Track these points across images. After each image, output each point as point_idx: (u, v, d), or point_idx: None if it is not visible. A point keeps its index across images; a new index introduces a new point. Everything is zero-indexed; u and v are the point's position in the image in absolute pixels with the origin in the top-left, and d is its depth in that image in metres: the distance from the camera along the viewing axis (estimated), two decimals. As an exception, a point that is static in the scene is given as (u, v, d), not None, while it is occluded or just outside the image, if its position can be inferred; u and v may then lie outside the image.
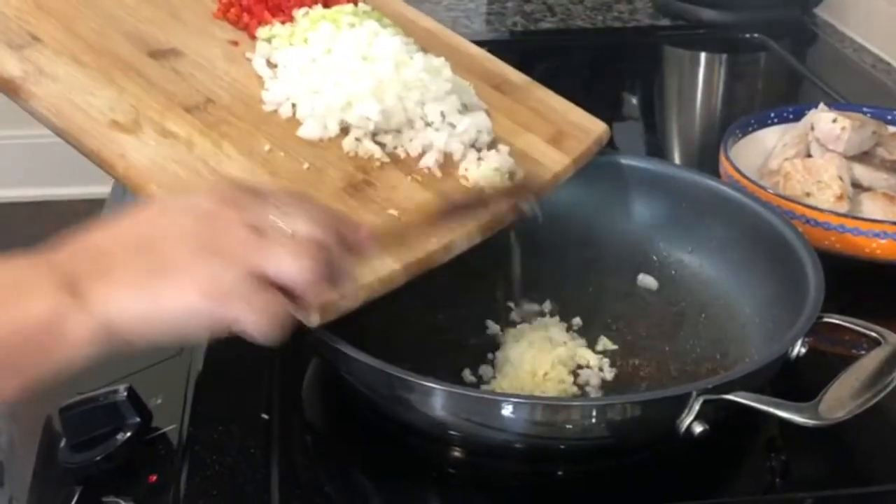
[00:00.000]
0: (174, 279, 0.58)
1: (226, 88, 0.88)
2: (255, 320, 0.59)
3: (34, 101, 0.80)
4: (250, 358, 0.84)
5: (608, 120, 0.99)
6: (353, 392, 0.78)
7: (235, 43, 0.93)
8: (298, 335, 0.70)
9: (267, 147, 0.83)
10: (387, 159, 0.85)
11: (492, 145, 0.89)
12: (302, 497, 0.73)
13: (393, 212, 0.81)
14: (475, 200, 0.82)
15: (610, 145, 0.99)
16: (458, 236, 0.80)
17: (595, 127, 0.98)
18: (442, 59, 0.92)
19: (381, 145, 0.85)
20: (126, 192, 0.84)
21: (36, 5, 0.88)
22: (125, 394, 0.76)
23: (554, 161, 0.92)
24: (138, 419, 0.76)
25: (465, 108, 0.90)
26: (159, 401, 0.80)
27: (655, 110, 1.52)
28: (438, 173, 0.86)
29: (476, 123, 0.89)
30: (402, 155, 0.86)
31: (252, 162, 0.81)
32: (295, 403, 0.82)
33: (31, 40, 0.85)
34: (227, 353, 0.86)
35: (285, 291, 0.61)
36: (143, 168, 0.78)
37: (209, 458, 0.75)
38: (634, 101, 1.52)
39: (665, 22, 1.68)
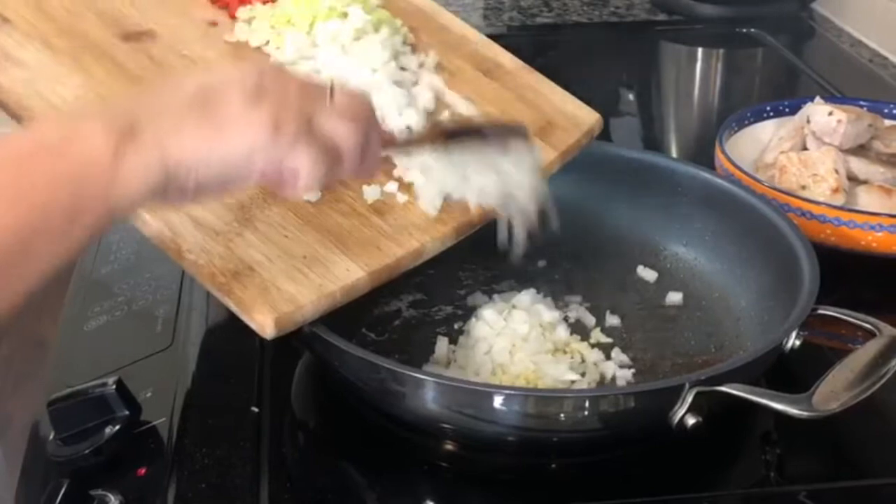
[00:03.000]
0: (234, 119, 0.60)
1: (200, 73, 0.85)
2: (311, 163, 0.62)
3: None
4: (241, 351, 0.83)
5: (605, 115, 0.98)
6: (343, 385, 0.78)
7: (214, 23, 0.91)
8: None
9: None
10: None
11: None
12: (292, 490, 0.73)
13: None
14: (467, 128, 0.79)
15: (607, 139, 0.98)
16: (428, 241, 0.79)
17: (587, 117, 0.95)
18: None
19: None
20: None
21: None
22: (114, 387, 0.75)
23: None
24: (127, 412, 0.75)
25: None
26: (149, 394, 0.79)
27: (652, 105, 1.51)
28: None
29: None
30: None
31: None
32: (285, 397, 0.81)
33: (1, 23, 0.83)
34: (218, 346, 0.86)
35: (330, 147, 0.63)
36: None
37: (199, 452, 0.74)
38: (631, 95, 1.52)
39: (662, 17, 1.68)
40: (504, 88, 0.96)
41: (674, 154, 1.33)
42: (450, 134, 0.76)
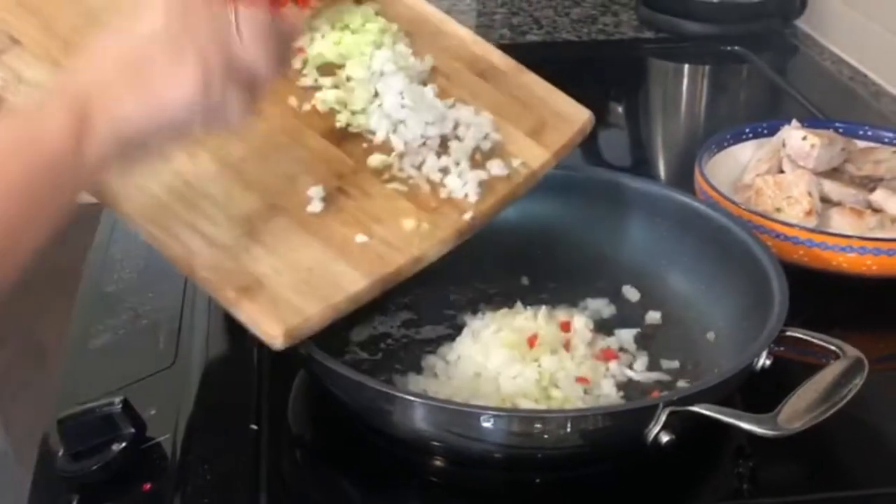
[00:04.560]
0: (165, 78, 0.67)
1: None
2: (241, 105, 0.70)
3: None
4: (240, 370, 0.87)
5: (593, 131, 0.99)
6: (338, 403, 0.81)
7: None
8: (286, 350, 0.74)
9: (241, 156, 0.83)
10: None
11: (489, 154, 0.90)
12: (289, 504, 0.77)
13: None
14: None
15: (596, 154, 1.00)
16: (428, 248, 0.82)
17: (579, 115, 0.96)
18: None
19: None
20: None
21: (17, 2, 0.87)
22: (120, 406, 0.79)
23: (534, 156, 0.91)
24: (133, 430, 0.79)
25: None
26: (153, 411, 0.83)
27: (640, 122, 1.55)
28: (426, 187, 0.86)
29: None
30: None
31: (225, 172, 0.82)
32: (283, 414, 0.85)
33: (11, 44, 0.85)
34: (218, 364, 0.90)
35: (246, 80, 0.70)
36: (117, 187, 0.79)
37: (201, 468, 0.78)
38: (619, 111, 1.55)
39: (649, 34, 1.71)
40: (498, 90, 0.97)
41: (662, 171, 1.37)
42: None
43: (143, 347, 0.92)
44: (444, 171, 0.87)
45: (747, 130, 1.16)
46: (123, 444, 0.78)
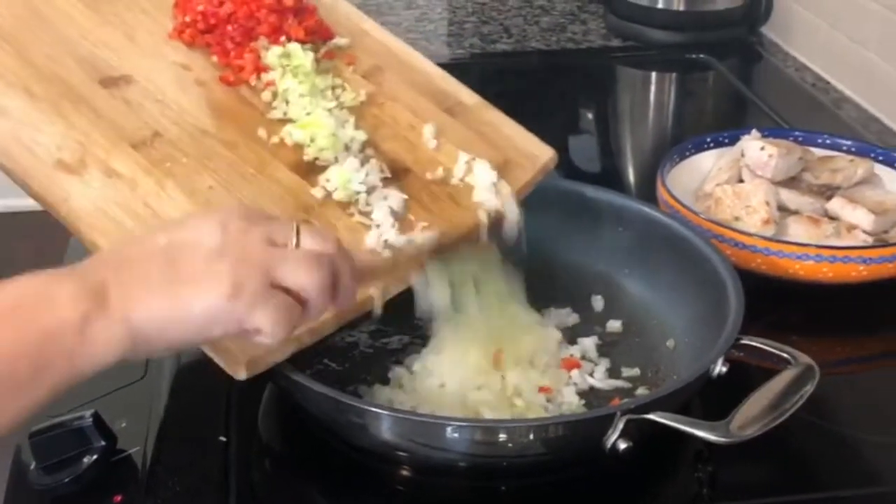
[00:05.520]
0: (198, 283, 0.62)
1: (174, 120, 0.89)
2: (272, 323, 0.64)
3: None
4: (209, 382, 0.88)
5: (562, 139, 1.02)
6: (307, 415, 0.83)
7: (188, 67, 0.94)
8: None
9: (209, 185, 0.85)
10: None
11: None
12: (258, 515, 0.78)
13: None
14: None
15: (566, 162, 1.01)
16: (392, 281, 0.83)
17: (542, 154, 1.00)
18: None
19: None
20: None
21: None
22: (91, 419, 0.80)
23: (496, 195, 0.93)
24: (104, 442, 0.80)
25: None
26: (124, 424, 0.84)
27: (609, 130, 1.57)
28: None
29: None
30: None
31: (193, 202, 0.83)
32: (253, 425, 0.86)
33: None
34: (188, 377, 0.91)
35: (296, 299, 0.65)
36: (84, 213, 0.80)
37: (171, 479, 0.79)
38: (588, 119, 1.57)
39: (617, 43, 1.74)
40: (465, 127, 1.00)
41: (630, 176, 1.40)
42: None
43: (114, 361, 0.93)
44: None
45: (709, 140, 1.18)
46: (94, 457, 0.79)
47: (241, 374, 0.74)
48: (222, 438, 0.83)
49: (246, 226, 0.65)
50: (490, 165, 0.94)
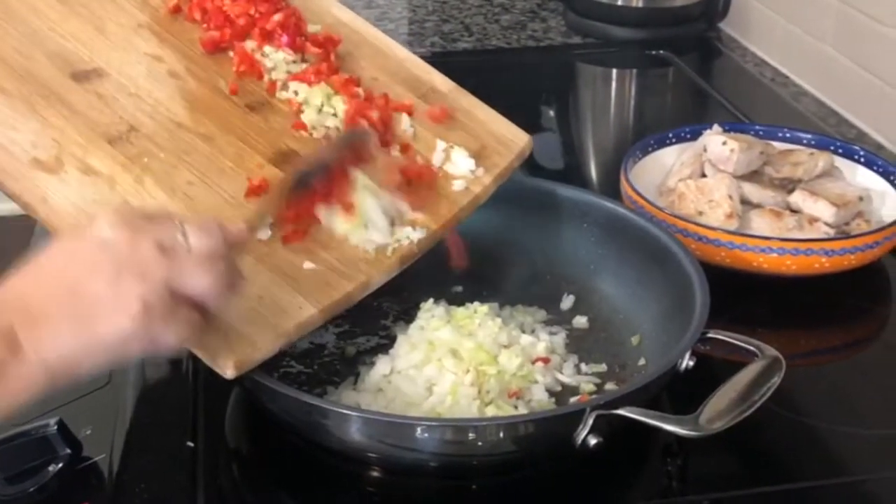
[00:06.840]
0: (102, 310, 0.63)
1: (149, 113, 0.88)
2: (182, 338, 0.66)
3: None
4: (175, 387, 0.88)
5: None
6: (274, 418, 0.82)
7: (159, 58, 0.93)
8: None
9: (188, 180, 0.84)
10: None
11: None
12: (228, 521, 0.78)
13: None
14: (319, 163, 0.84)
15: (529, 163, 1.01)
16: (375, 273, 0.83)
17: (518, 139, 0.99)
18: None
19: None
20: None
21: None
22: (55, 427, 0.79)
23: (474, 181, 0.94)
24: (69, 450, 0.79)
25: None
26: (89, 431, 0.83)
27: (571, 126, 1.57)
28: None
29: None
30: None
31: (173, 199, 0.82)
32: (220, 430, 0.86)
33: None
34: (153, 382, 0.90)
35: (198, 304, 0.67)
36: (64, 213, 0.79)
37: (138, 486, 0.78)
38: (550, 116, 1.57)
39: (577, 40, 1.74)
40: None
41: (593, 172, 1.40)
42: (296, 185, 0.81)
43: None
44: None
45: (671, 135, 1.19)
46: (60, 465, 0.78)
47: (229, 374, 0.73)
48: (189, 444, 0.82)
49: (130, 234, 0.65)
50: (467, 153, 0.94)
